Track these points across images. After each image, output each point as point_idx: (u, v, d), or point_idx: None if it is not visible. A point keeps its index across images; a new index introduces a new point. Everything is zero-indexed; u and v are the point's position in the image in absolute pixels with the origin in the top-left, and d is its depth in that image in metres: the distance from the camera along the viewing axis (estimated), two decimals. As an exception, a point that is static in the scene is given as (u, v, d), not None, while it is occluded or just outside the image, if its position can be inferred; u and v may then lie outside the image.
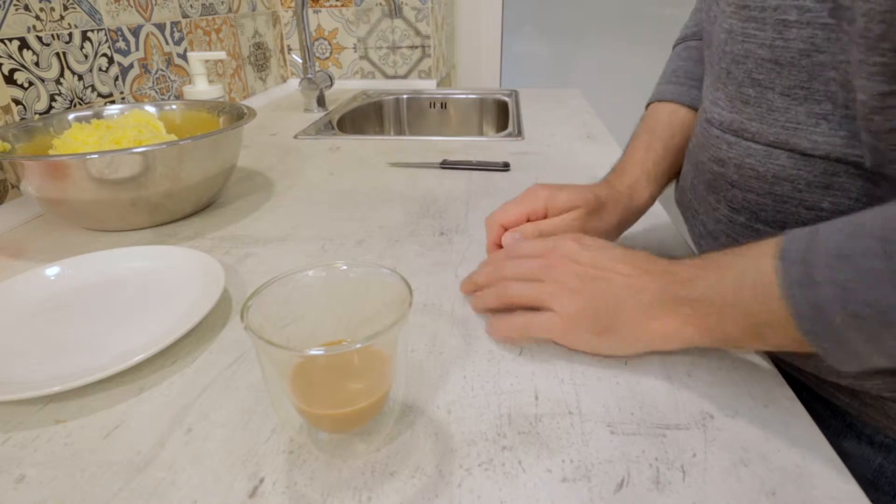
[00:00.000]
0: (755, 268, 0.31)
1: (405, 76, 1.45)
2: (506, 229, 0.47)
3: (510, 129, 1.05)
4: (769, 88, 0.37)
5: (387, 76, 1.45)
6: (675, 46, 0.59)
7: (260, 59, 1.30)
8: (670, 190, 0.56)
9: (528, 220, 0.47)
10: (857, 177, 0.34)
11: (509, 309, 0.41)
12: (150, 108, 0.76)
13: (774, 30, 0.35)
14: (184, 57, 1.01)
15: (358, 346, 0.27)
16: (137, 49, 0.89)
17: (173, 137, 0.70)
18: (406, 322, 0.29)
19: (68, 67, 0.75)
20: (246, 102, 1.09)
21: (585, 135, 0.96)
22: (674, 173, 0.53)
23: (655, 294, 0.36)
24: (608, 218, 0.48)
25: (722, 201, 0.43)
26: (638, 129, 0.56)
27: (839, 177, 0.35)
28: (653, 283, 0.36)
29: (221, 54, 0.92)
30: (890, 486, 0.40)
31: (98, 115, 0.72)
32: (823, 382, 0.42)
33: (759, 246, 0.32)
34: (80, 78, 0.77)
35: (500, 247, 0.47)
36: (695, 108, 0.52)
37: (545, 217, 0.47)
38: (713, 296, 0.33)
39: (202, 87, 0.93)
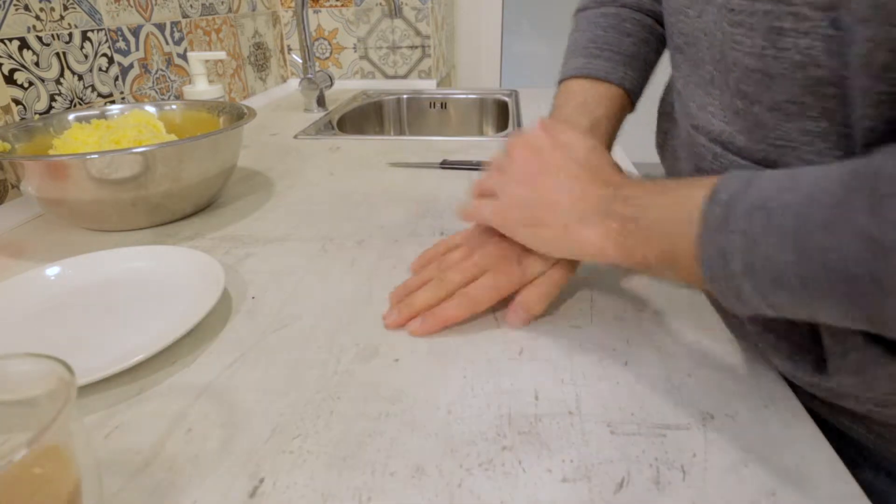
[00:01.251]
0: (686, 199, 0.31)
1: (405, 76, 1.45)
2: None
3: (510, 129, 1.05)
4: (756, 102, 0.33)
5: (387, 76, 1.45)
6: (586, 8, 0.52)
7: (260, 59, 1.30)
8: None
9: None
10: None
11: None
12: (150, 108, 0.76)
13: (765, 38, 0.31)
14: (184, 57, 1.01)
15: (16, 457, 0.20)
16: (137, 49, 0.89)
17: (173, 137, 0.70)
18: (73, 405, 0.23)
19: (68, 67, 0.75)
20: (246, 102, 1.09)
21: (585, 135, 0.96)
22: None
23: (593, 203, 0.36)
24: None
25: None
26: (559, 103, 0.50)
27: None
28: (595, 192, 0.36)
29: (221, 54, 0.92)
30: None
31: (98, 115, 0.72)
32: (838, 413, 0.40)
33: (703, 180, 0.31)
34: (80, 78, 0.77)
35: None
36: (622, 87, 0.48)
37: None
38: (641, 217, 0.33)
39: (202, 87, 0.93)
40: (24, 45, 0.68)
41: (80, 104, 0.78)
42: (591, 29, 0.51)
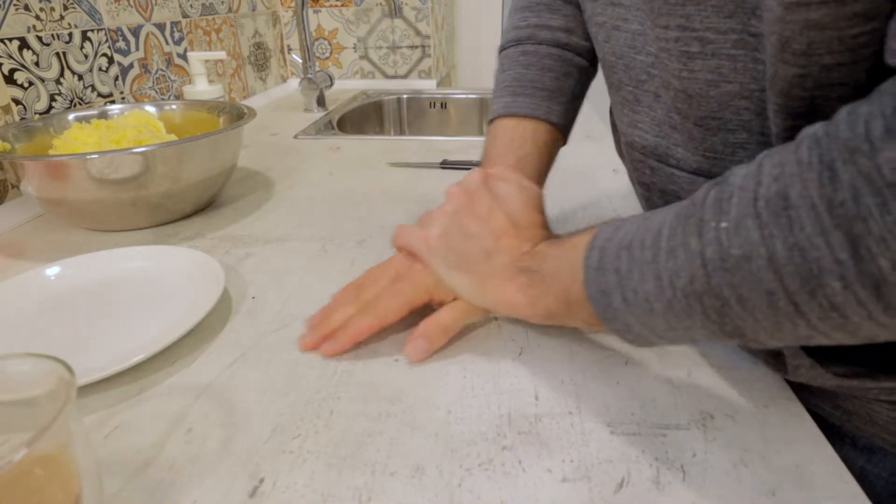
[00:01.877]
0: (575, 248, 0.33)
1: (405, 76, 1.45)
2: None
3: (510, 129, 1.05)
4: (686, 118, 0.35)
5: (387, 76, 1.45)
6: (505, 48, 0.53)
7: (260, 59, 1.30)
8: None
9: None
10: None
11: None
12: (150, 108, 0.76)
13: (679, 61, 0.33)
14: (184, 57, 1.01)
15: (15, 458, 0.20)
16: (137, 49, 0.89)
17: (173, 137, 0.70)
18: (73, 405, 0.23)
19: (68, 67, 0.75)
20: (246, 102, 1.09)
21: (584, 135, 0.96)
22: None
23: (507, 259, 0.37)
24: None
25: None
26: (489, 146, 0.50)
27: None
28: (515, 248, 0.37)
29: (221, 54, 0.92)
30: (871, 489, 0.40)
31: (98, 115, 0.72)
32: (809, 393, 0.41)
33: (589, 229, 0.33)
34: (80, 78, 0.77)
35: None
36: (549, 122, 0.48)
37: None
38: (541, 268, 0.35)
39: (202, 87, 0.93)
40: (24, 45, 0.68)
41: (80, 104, 0.78)
42: (513, 67, 0.51)
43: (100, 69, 0.81)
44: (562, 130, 0.51)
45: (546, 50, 0.50)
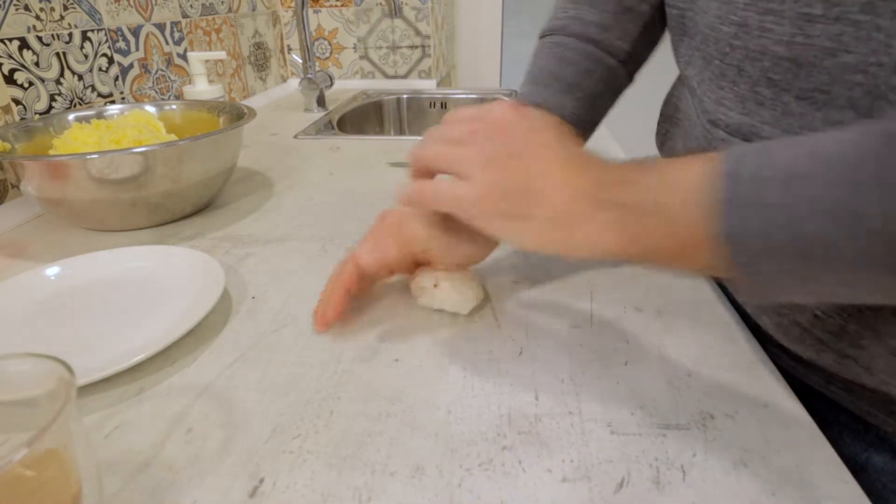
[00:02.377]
0: (692, 176, 0.27)
1: (405, 76, 1.45)
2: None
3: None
4: (785, 90, 0.33)
5: (387, 76, 1.45)
6: (541, 37, 0.52)
7: (260, 59, 1.30)
8: None
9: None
10: None
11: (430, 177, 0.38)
12: (150, 108, 0.76)
13: (794, 24, 0.31)
14: (184, 57, 1.01)
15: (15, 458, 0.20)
16: (137, 49, 0.89)
17: (173, 137, 0.70)
18: (73, 405, 0.23)
19: (68, 67, 0.75)
20: (246, 102, 1.09)
21: (585, 135, 0.96)
22: None
23: (579, 191, 0.31)
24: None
25: None
26: None
27: None
28: (579, 179, 0.31)
29: (221, 54, 0.92)
30: (879, 481, 0.40)
31: (98, 115, 0.72)
32: (815, 373, 0.41)
33: (700, 157, 0.28)
34: (80, 78, 0.77)
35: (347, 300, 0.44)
36: (561, 116, 0.47)
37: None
38: (640, 201, 0.29)
39: (202, 87, 0.93)
40: (24, 45, 0.68)
41: (80, 104, 0.78)
42: (540, 57, 0.51)
43: (100, 69, 0.81)
44: (575, 126, 0.49)
45: (574, 44, 0.49)
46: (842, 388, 0.41)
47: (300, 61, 1.21)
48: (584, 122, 0.50)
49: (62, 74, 0.74)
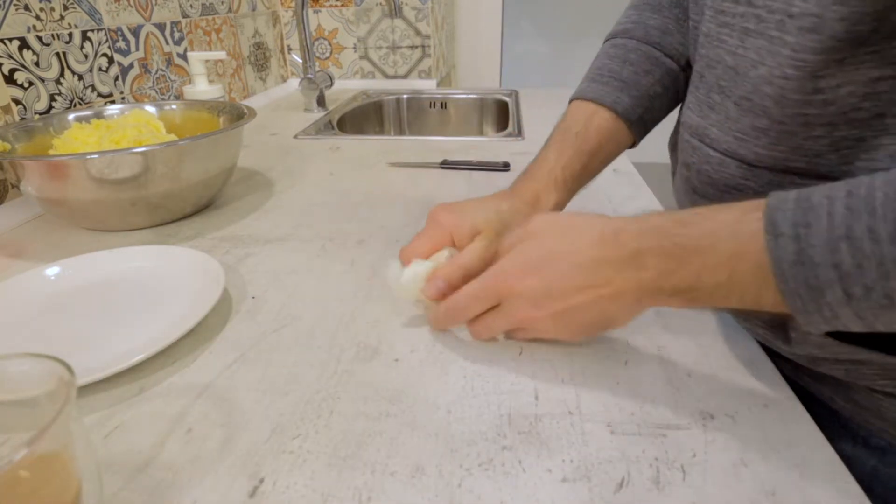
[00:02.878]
0: (739, 245, 0.29)
1: (405, 76, 1.45)
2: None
3: (510, 129, 1.05)
4: (728, 96, 0.36)
5: (387, 76, 1.45)
6: (605, 41, 0.56)
7: (260, 59, 1.30)
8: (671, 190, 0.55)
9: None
10: (803, 186, 0.33)
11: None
12: (150, 108, 0.76)
13: (738, 37, 0.34)
14: (184, 57, 1.01)
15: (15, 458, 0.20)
16: (137, 49, 0.89)
17: (173, 137, 0.70)
18: (73, 405, 0.23)
19: (68, 67, 0.75)
20: (246, 102, 1.09)
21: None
22: (587, 178, 0.51)
23: (635, 294, 0.34)
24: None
25: (688, 204, 0.43)
26: (555, 128, 0.53)
27: (783, 188, 0.34)
28: (626, 283, 0.33)
29: (221, 54, 0.92)
30: (883, 489, 0.40)
31: (98, 115, 0.72)
32: (820, 382, 0.42)
33: (733, 207, 0.30)
34: (80, 78, 0.77)
35: None
36: (615, 111, 0.50)
37: (451, 243, 0.46)
38: (701, 285, 0.31)
39: (202, 87, 0.93)
40: (24, 45, 0.68)
41: (80, 104, 0.78)
42: (601, 58, 0.54)
43: (100, 69, 0.81)
44: (628, 122, 0.50)
45: (634, 45, 0.51)
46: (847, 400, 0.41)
47: (300, 61, 1.21)
48: (640, 120, 0.51)
49: (62, 74, 0.74)
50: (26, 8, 0.69)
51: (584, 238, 0.36)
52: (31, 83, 0.69)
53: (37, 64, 0.70)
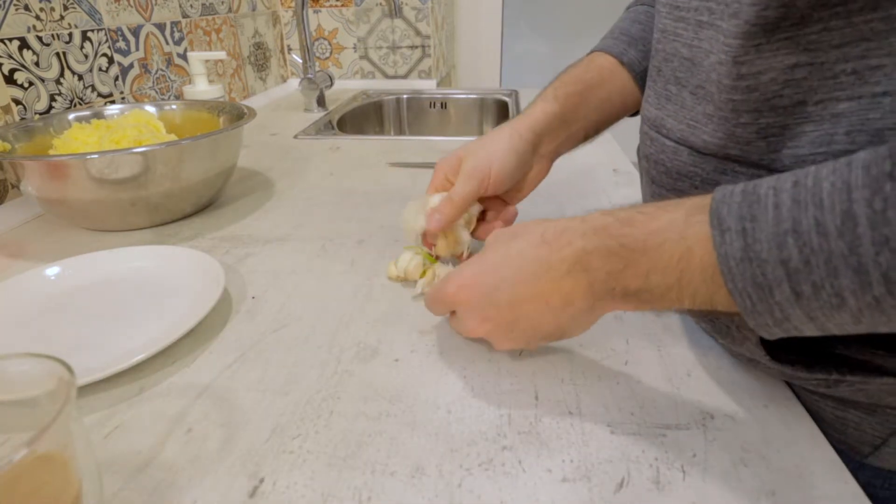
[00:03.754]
0: (687, 244, 0.28)
1: (405, 76, 1.45)
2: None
3: (510, 129, 1.05)
4: (684, 87, 0.37)
5: (387, 76, 1.45)
6: (626, 8, 0.59)
7: (260, 59, 1.30)
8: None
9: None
10: (741, 174, 0.34)
11: None
12: (150, 108, 0.76)
13: (693, 30, 0.36)
14: (184, 57, 1.01)
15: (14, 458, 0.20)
16: (137, 49, 0.89)
17: (173, 137, 0.70)
18: (73, 405, 0.23)
19: (68, 67, 0.75)
20: (246, 102, 1.09)
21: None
22: (585, 108, 0.53)
23: (587, 296, 0.32)
24: (498, 150, 0.49)
25: (650, 198, 0.44)
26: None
27: (726, 175, 0.35)
28: (575, 287, 0.32)
29: (221, 54, 0.92)
30: None
31: (98, 115, 0.72)
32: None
33: (688, 220, 0.29)
34: (80, 78, 0.77)
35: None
36: (620, 61, 0.53)
37: (452, 183, 0.49)
38: (651, 287, 0.30)
39: (202, 87, 0.93)
40: (24, 45, 0.68)
41: (80, 104, 0.78)
42: (619, 22, 0.57)
43: (100, 69, 0.81)
44: (633, 73, 0.53)
45: (645, 8, 0.55)
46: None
47: (300, 61, 1.21)
48: (644, 71, 0.53)
49: (62, 74, 0.74)
50: (26, 8, 0.69)
51: (528, 240, 0.35)
52: (31, 83, 0.69)
53: (37, 64, 0.70)
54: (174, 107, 0.78)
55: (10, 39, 0.67)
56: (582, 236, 0.32)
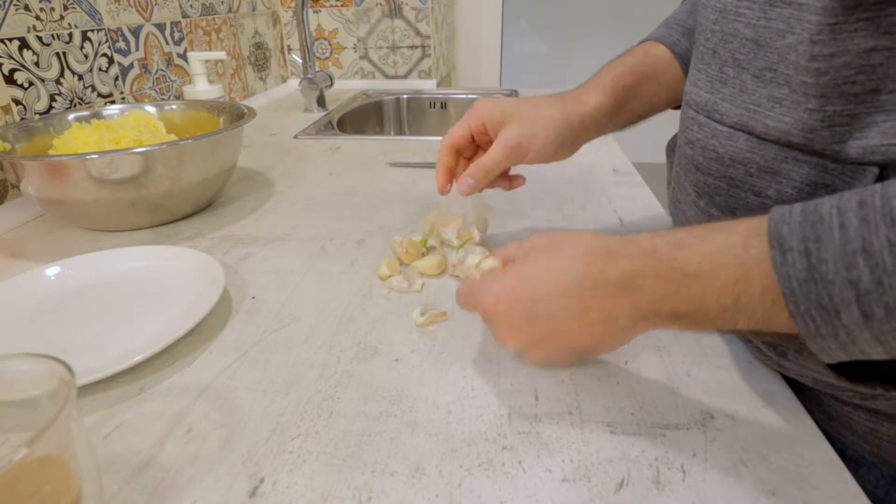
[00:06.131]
0: (745, 269, 0.27)
1: (405, 76, 1.45)
2: (457, 149, 0.51)
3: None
4: (745, 69, 0.36)
5: (387, 76, 1.45)
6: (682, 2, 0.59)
7: (260, 59, 1.30)
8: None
9: (473, 138, 0.51)
10: (803, 163, 0.33)
11: None
12: (150, 108, 0.76)
13: (761, 9, 0.34)
14: (184, 57, 1.01)
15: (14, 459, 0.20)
16: (137, 49, 0.89)
17: (173, 137, 0.70)
18: (73, 405, 0.23)
19: (68, 67, 0.75)
20: (246, 102, 1.09)
21: (585, 135, 0.96)
22: (638, 102, 0.52)
23: (631, 316, 0.32)
24: (544, 132, 0.48)
25: (691, 186, 0.42)
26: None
27: (786, 163, 0.34)
28: (619, 308, 0.31)
29: (221, 54, 0.92)
30: None
31: (98, 115, 0.72)
32: (799, 394, 0.42)
33: (746, 244, 0.28)
34: (80, 78, 0.77)
35: (451, 170, 0.51)
36: (673, 51, 0.52)
37: (485, 133, 0.50)
38: (705, 310, 0.29)
39: (202, 87, 0.93)
40: (24, 45, 0.68)
41: (80, 104, 0.78)
42: (674, 13, 0.57)
43: (100, 69, 0.81)
44: (683, 65, 0.52)
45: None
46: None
47: (300, 61, 1.21)
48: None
49: (62, 74, 0.74)
50: (26, 8, 0.69)
51: (571, 255, 0.33)
52: (31, 83, 0.69)
53: (37, 64, 0.70)
54: (174, 107, 0.78)
55: (10, 39, 0.67)
56: (630, 258, 0.31)
